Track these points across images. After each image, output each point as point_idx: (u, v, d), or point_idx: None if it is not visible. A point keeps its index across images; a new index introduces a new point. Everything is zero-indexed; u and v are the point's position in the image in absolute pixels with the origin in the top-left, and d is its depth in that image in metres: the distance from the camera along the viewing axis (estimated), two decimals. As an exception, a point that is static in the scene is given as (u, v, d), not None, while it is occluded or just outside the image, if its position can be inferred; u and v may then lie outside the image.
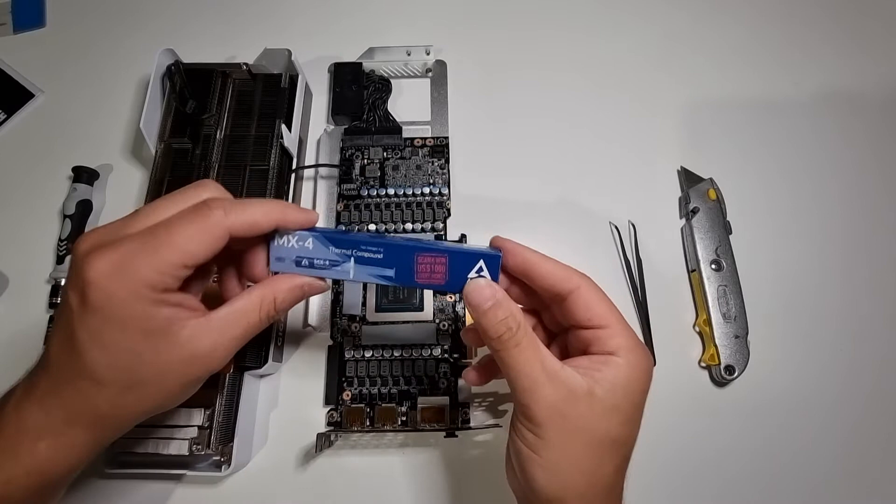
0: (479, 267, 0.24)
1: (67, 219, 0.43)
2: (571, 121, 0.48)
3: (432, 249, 0.25)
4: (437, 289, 0.26)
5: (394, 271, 0.25)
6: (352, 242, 0.25)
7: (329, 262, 0.25)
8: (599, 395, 0.24)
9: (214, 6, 0.53)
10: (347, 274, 0.25)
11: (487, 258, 0.25)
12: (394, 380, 0.39)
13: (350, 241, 0.25)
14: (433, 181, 0.44)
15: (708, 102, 0.49)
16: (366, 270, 0.25)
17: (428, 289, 0.26)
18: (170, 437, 0.34)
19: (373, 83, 0.47)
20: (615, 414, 0.25)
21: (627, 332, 0.26)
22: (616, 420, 0.25)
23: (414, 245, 0.25)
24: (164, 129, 0.43)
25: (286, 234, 0.25)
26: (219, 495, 0.38)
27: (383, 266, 0.25)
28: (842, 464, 0.39)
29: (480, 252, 0.25)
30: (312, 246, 0.25)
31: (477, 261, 0.24)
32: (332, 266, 0.25)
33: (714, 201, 0.44)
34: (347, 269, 0.25)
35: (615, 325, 0.25)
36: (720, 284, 0.41)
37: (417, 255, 0.24)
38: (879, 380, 0.41)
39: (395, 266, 0.25)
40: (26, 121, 0.49)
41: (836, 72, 0.50)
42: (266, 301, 0.25)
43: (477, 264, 0.24)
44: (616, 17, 0.52)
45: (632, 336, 0.26)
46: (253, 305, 0.25)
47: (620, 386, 0.25)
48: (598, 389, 0.24)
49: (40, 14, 0.53)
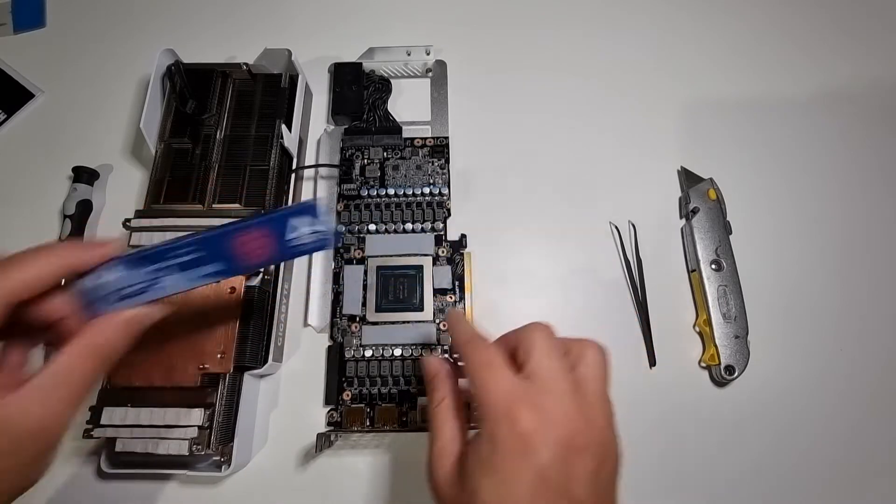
0: (300, 222, 0.23)
1: (67, 219, 0.43)
2: (571, 121, 0.48)
3: (249, 226, 0.23)
4: (270, 263, 0.25)
5: (222, 264, 0.23)
6: (165, 252, 0.23)
7: (148, 284, 0.23)
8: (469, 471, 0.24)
9: (214, 6, 0.53)
10: (176, 286, 0.23)
11: (307, 209, 0.23)
12: (394, 380, 0.39)
13: (163, 252, 0.23)
14: (433, 181, 0.44)
15: (708, 102, 0.49)
16: (193, 274, 0.23)
17: (262, 266, 0.24)
18: (170, 437, 0.34)
19: (373, 83, 0.47)
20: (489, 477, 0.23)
21: (484, 409, 0.24)
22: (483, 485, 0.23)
23: (230, 229, 0.23)
24: (164, 129, 0.43)
25: (88, 273, 0.23)
26: (219, 495, 0.38)
27: (209, 263, 0.23)
28: (842, 464, 0.39)
29: (298, 208, 0.23)
30: (123, 274, 0.23)
31: (289, 220, 0.23)
32: (154, 285, 0.23)
33: (714, 201, 0.44)
34: (173, 282, 0.23)
35: (478, 402, 0.24)
36: (720, 284, 0.41)
37: (237, 238, 0.23)
38: (879, 380, 0.41)
39: (221, 258, 0.23)
40: (26, 121, 0.49)
41: (837, 71, 0.50)
42: (87, 350, 0.23)
43: (296, 221, 0.23)
44: (616, 17, 0.52)
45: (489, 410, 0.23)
46: (74, 360, 0.23)
47: (484, 461, 0.23)
48: (469, 462, 0.24)
49: (40, 14, 0.53)
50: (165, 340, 0.35)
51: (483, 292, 0.42)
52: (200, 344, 0.36)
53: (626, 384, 0.40)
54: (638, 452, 0.39)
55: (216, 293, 0.37)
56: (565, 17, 0.52)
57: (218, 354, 0.35)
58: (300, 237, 0.23)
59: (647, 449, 0.39)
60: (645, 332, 0.41)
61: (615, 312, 0.42)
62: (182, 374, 0.35)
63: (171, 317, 0.36)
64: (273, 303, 0.40)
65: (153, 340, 0.35)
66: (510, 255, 0.44)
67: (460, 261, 0.42)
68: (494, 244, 0.44)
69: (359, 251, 0.42)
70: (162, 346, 0.35)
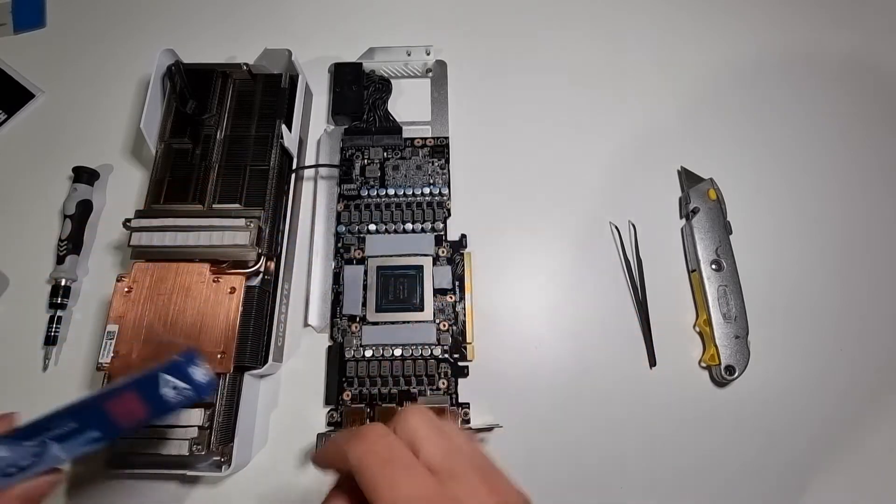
0: (166, 382, 0.23)
1: (68, 219, 0.43)
2: (572, 120, 0.48)
3: (117, 390, 0.23)
4: (145, 423, 0.24)
5: (98, 431, 0.23)
6: (38, 427, 0.23)
7: (33, 457, 0.23)
8: None
9: (214, 6, 0.53)
10: (59, 458, 0.23)
11: (170, 369, 0.22)
12: (394, 380, 0.39)
13: (37, 427, 0.23)
14: (433, 181, 0.44)
15: (708, 102, 0.49)
16: (74, 444, 0.23)
17: (138, 427, 0.24)
18: (170, 438, 0.34)
19: (373, 83, 0.47)
20: None
21: None
22: None
23: (99, 396, 0.23)
24: (164, 129, 0.43)
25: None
26: (219, 495, 0.38)
27: (85, 431, 0.23)
28: (842, 464, 0.39)
29: (159, 367, 0.23)
30: (6, 452, 0.22)
31: (159, 377, 0.22)
32: (38, 458, 0.23)
33: (714, 201, 0.44)
34: (56, 454, 0.23)
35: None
36: (720, 284, 0.41)
37: (107, 404, 0.23)
38: (879, 380, 0.41)
39: (96, 425, 0.23)
40: (26, 121, 0.49)
41: (837, 72, 0.50)
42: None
43: (163, 381, 0.23)
44: (616, 17, 0.52)
45: None
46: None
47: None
48: None
49: (40, 14, 0.53)
50: (166, 340, 0.36)
51: (483, 292, 0.42)
52: (200, 344, 0.35)
53: (626, 384, 0.41)
54: (638, 452, 0.40)
55: (216, 293, 0.37)
56: (565, 17, 0.52)
57: (218, 354, 0.35)
58: (172, 393, 0.23)
59: (646, 449, 0.39)
60: (645, 332, 0.41)
61: (615, 312, 0.42)
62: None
63: (172, 317, 0.36)
64: (273, 303, 0.40)
65: (154, 341, 0.36)
66: (510, 255, 0.44)
67: (460, 261, 0.42)
68: (494, 244, 0.44)
69: (359, 251, 0.42)
70: (162, 347, 0.35)
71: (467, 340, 0.40)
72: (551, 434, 0.39)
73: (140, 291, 0.37)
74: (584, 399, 0.40)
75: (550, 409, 0.40)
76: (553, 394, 0.40)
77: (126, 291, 0.37)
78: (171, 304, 0.36)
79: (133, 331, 0.36)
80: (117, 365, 0.35)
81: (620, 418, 0.40)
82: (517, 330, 0.42)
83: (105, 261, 0.44)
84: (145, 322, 0.36)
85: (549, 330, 0.42)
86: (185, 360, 0.23)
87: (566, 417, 0.40)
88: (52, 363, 0.41)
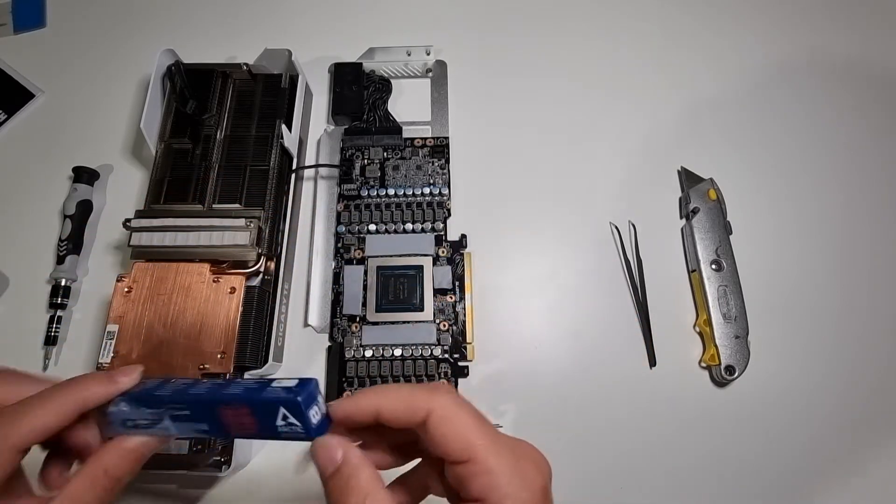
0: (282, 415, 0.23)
1: (68, 219, 0.43)
2: (572, 120, 0.48)
3: (234, 399, 0.23)
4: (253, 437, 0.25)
5: (207, 425, 0.24)
6: (159, 401, 0.24)
7: (151, 422, 0.24)
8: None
9: (214, 6, 0.53)
10: (170, 431, 0.24)
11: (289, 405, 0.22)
12: (394, 380, 0.39)
13: (157, 400, 0.24)
14: (433, 181, 0.44)
15: (708, 102, 0.49)
16: (185, 426, 0.24)
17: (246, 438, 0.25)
18: (170, 438, 0.34)
19: (373, 83, 0.47)
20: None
21: (496, 461, 0.20)
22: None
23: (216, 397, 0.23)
24: (164, 129, 0.43)
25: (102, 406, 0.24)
26: (219, 495, 0.38)
27: (195, 421, 0.23)
28: (842, 464, 0.39)
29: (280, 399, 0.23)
30: (128, 408, 0.24)
31: (278, 409, 0.23)
32: (155, 424, 0.24)
33: (714, 201, 0.44)
34: (168, 427, 0.24)
35: (479, 457, 0.20)
36: (720, 284, 0.41)
37: (220, 410, 0.23)
38: (879, 380, 0.41)
39: (206, 420, 0.23)
40: (26, 121, 0.49)
41: (838, 73, 0.50)
42: (96, 477, 0.23)
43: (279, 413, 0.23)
44: (615, 17, 0.52)
45: (503, 464, 0.20)
46: (83, 486, 0.23)
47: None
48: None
49: (40, 14, 0.53)
50: (166, 340, 0.36)
51: (483, 292, 0.42)
52: (200, 344, 0.36)
53: (626, 384, 0.41)
54: (638, 452, 0.40)
55: (216, 293, 0.37)
56: (565, 17, 0.52)
57: (218, 354, 0.35)
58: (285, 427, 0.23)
59: (647, 449, 0.39)
60: (645, 332, 0.41)
61: (615, 312, 0.42)
62: (182, 374, 0.35)
63: (172, 317, 0.36)
64: (273, 303, 0.40)
65: (154, 341, 0.36)
66: (510, 255, 0.44)
67: (460, 261, 0.42)
68: (494, 244, 0.44)
69: (359, 251, 0.42)
70: (162, 346, 0.35)
71: (467, 340, 0.40)
72: (551, 434, 0.39)
73: (140, 291, 0.37)
74: (584, 399, 0.40)
75: (550, 409, 0.40)
76: (553, 394, 0.40)
77: (126, 291, 0.37)
78: (172, 304, 0.36)
79: (133, 331, 0.36)
80: (117, 365, 0.35)
81: (620, 418, 0.40)
82: (517, 330, 0.42)
83: (105, 261, 0.44)
84: (145, 322, 0.36)
85: (549, 330, 0.42)
86: (306, 400, 0.23)
87: (566, 417, 0.40)
88: (52, 363, 0.41)
